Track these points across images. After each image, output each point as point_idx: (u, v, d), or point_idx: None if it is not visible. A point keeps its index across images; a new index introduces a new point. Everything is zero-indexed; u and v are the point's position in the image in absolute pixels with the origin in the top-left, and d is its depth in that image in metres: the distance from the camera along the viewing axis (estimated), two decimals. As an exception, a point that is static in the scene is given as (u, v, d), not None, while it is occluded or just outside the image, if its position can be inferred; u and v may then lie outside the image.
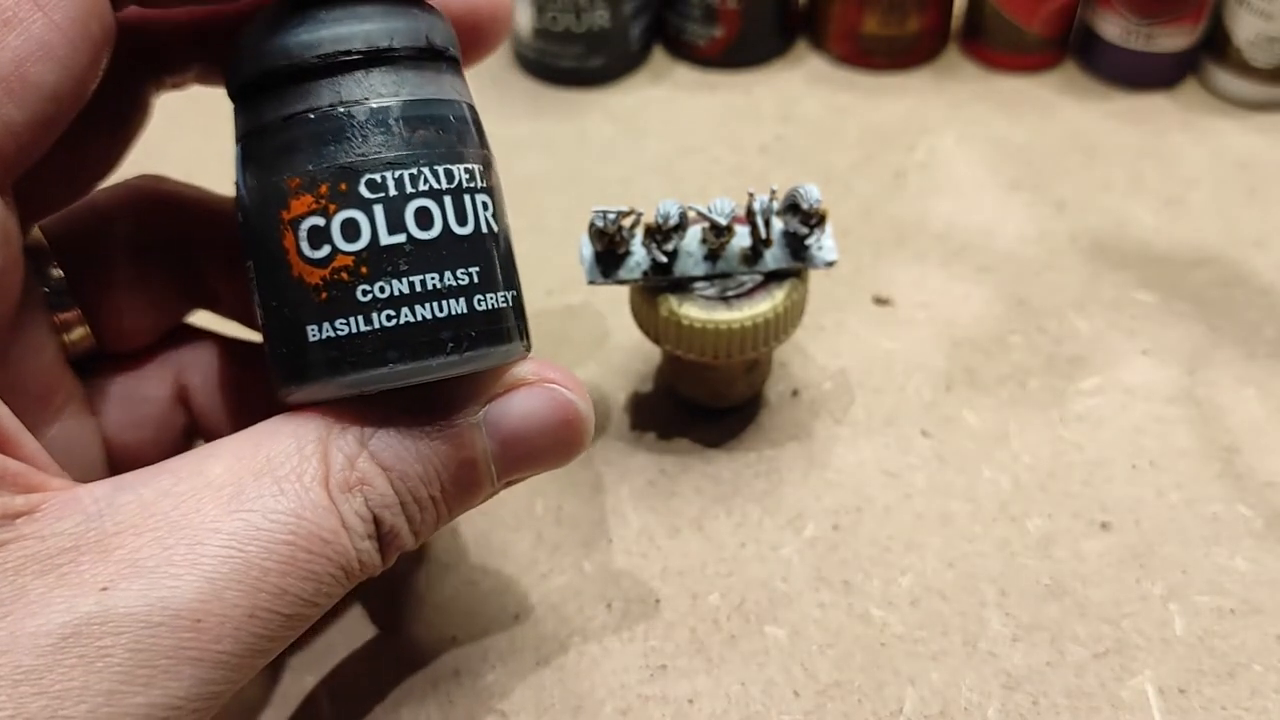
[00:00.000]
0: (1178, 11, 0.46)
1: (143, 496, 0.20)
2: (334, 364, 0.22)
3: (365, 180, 0.22)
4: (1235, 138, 0.46)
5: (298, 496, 0.21)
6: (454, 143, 0.23)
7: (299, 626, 0.21)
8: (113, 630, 0.19)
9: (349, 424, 0.22)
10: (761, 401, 0.36)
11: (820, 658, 0.30)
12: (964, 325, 0.38)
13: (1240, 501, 0.33)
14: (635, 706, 0.29)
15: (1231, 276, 0.40)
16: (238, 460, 0.21)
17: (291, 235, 0.22)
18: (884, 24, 0.48)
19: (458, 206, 0.22)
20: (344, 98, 0.22)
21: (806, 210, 0.30)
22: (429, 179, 0.22)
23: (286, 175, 0.22)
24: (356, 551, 0.21)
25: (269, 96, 0.23)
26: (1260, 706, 0.28)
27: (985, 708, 0.29)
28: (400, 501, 0.22)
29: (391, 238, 0.22)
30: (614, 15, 0.48)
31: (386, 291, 0.22)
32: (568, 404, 0.24)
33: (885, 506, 0.33)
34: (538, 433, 0.24)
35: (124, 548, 0.19)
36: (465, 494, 0.24)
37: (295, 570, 0.20)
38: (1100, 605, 0.31)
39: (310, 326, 0.22)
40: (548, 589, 0.31)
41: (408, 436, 0.22)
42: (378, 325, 0.22)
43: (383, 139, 0.22)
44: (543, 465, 0.25)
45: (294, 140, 0.22)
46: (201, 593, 0.19)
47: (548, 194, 0.44)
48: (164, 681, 0.19)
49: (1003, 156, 0.45)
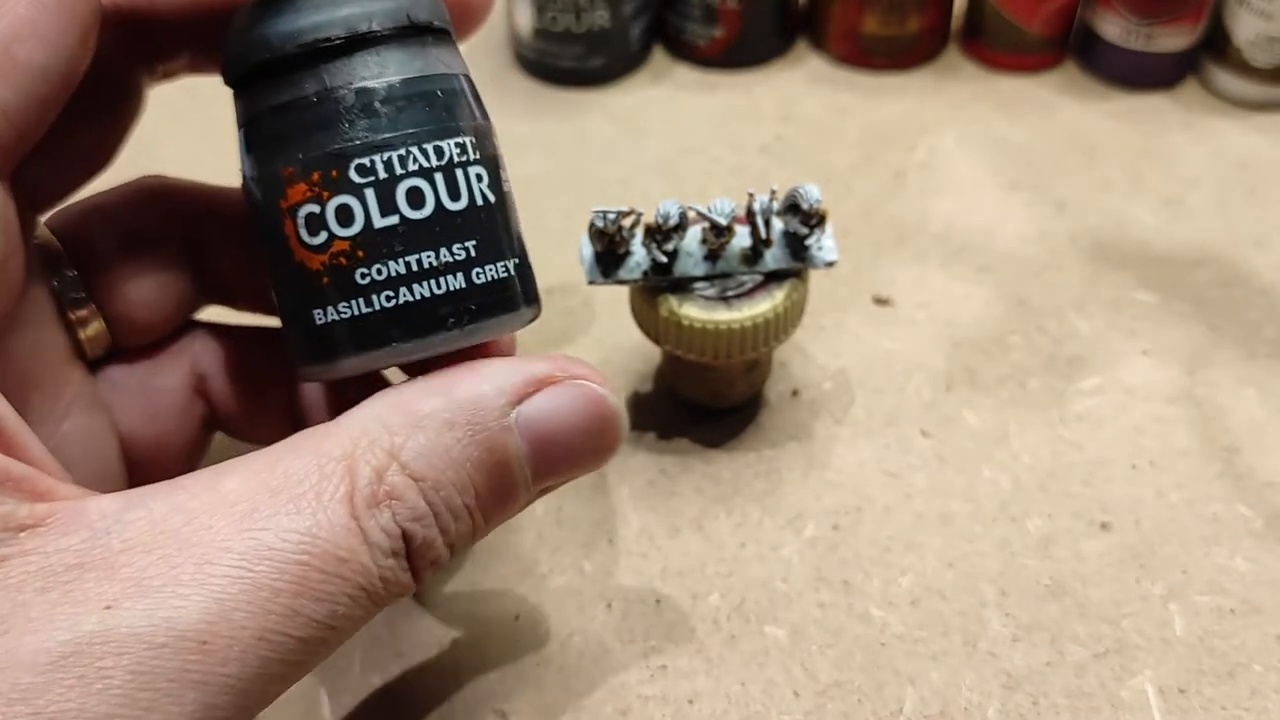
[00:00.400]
0: (1178, 11, 0.46)
1: (153, 513, 0.20)
2: (340, 346, 0.23)
3: (355, 165, 0.22)
4: (1235, 138, 0.46)
5: (313, 514, 0.20)
6: (444, 118, 0.23)
7: (317, 651, 0.20)
8: (114, 650, 0.18)
9: (377, 436, 0.21)
10: (761, 401, 0.36)
11: (820, 658, 0.30)
12: (964, 325, 0.38)
13: (1240, 501, 0.33)
14: (635, 706, 0.29)
15: (1231, 276, 0.40)
16: (254, 476, 0.20)
17: (290, 223, 0.22)
18: (884, 24, 0.48)
19: (449, 182, 0.23)
20: (328, 84, 0.22)
21: (806, 210, 0.30)
22: (418, 158, 0.22)
23: (281, 165, 0.22)
24: (379, 569, 0.20)
25: (259, 87, 0.23)
26: (1260, 706, 0.28)
27: (985, 708, 0.29)
28: (434, 513, 0.21)
29: (385, 220, 0.22)
30: (614, 15, 0.48)
31: (384, 273, 0.22)
32: (599, 399, 0.23)
33: (885, 506, 0.33)
34: (571, 430, 0.23)
35: (131, 565, 0.19)
36: (500, 502, 0.23)
37: (308, 591, 0.19)
38: (1100, 605, 0.31)
39: (316, 311, 0.23)
40: (548, 589, 0.31)
41: (439, 444, 0.21)
42: (378, 306, 0.22)
43: (369, 122, 0.22)
44: (577, 466, 0.24)
45: (285, 130, 0.22)
46: (208, 613, 0.19)
47: (548, 194, 0.44)
48: (165, 705, 0.18)
49: (1003, 156, 0.45)
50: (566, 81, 0.50)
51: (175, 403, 0.29)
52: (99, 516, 0.20)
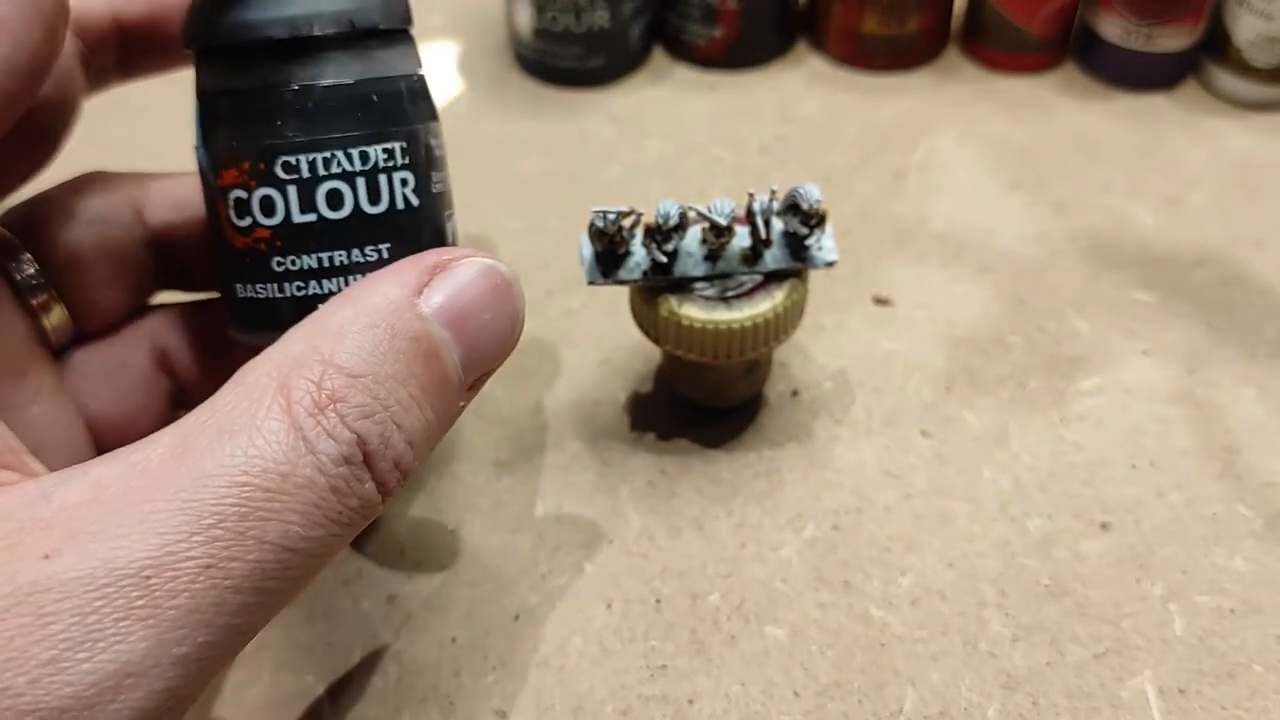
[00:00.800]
0: (1178, 12, 0.46)
1: (91, 474, 0.19)
2: (255, 321, 0.24)
3: (281, 162, 0.23)
4: (1235, 138, 0.46)
5: (248, 434, 0.19)
6: (375, 123, 0.24)
7: (281, 575, 0.19)
8: (56, 596, 0.18)
9: (303, 353, 0.21)
10: (761, 401, 0.36)
11: (820, 658, 0.30)
12: (964, 325, 0.38)
13: (1240, 501, 0.33)
14: (635, 706, 0.29)
15: (1231, 276, 0.40)
16: (187, 422, 0.20)
17: (223, 203, 0.24)
18: (884, 24, 0.48)
19: (371, 187, 0.24)
20: (268, 80, 0.23)
21: (806, 210, 0.30)
22: (342, 162, 0.23)
23: (220, 146, 0.24)
24: (328, 479, 0.20)
25: (212, 66, 0.24)
26: (1260, 706, 0.28)
27: (985, 708, 0.29)
28: (384, 406, 0.21)
29: (303, 217, 0.23)
30: (614, 15, 0.48)
31: (298, 265, 0.24)
32: (490, 268, 0.23)
33: (885, 506, 0.33)
34: (477, 304, 0.23)
35: (69, 521, 0.19)
36: (440, 392, 0.22)
37: (253, 513, 0.19)
38: (1100, 605, 0.31)
39: (237, 285, 0.24)
40: (548, 589, 0.31)
41: (367, 342, 0.21)
42: (289, 294, 0.24)
43: (300, 122, 0.23)
44: (493, 344, 0.24)
45: (227, 114, 0.24)
46: (149, 548, 0.18)
47: (548, 194, 0.44)
48: (113, 644, 0.18)
49: (1002, 157, 0.45)
50: (566, 81, 0.50)
51: (140, 379, 0.29)
52: (37, 487, 0.19)
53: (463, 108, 0.49)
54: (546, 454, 0.35)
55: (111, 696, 0.18)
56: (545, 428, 0.36)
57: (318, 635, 0.31)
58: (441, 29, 0.54)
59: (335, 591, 0.32)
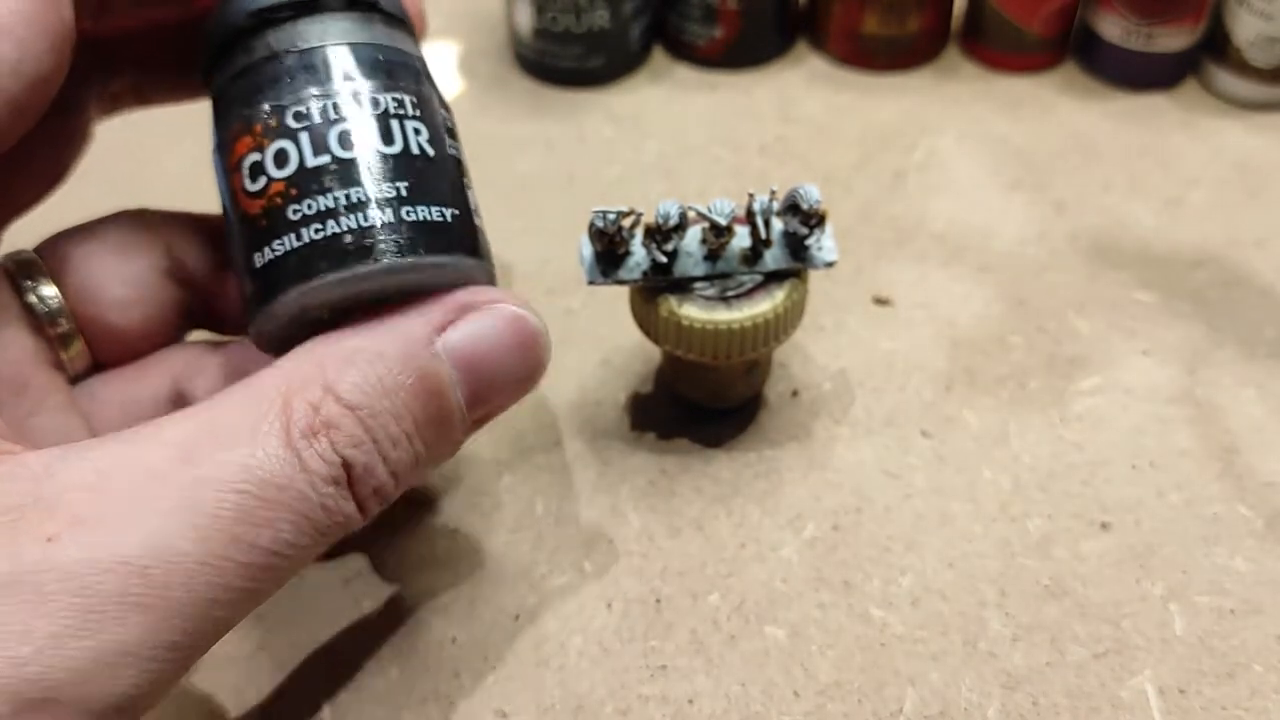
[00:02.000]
0: (1178, 12, 0.46)
1: (91, 458, 0.20)
2: (274, 284, 0.23)
3: (293, 112, 0.23)
4: (1235, 138, 0.46)
5: (250, 446, 0.21)
6: (384, 77, 0.24)
7: (267, 577, 0.21)
8: (58, 577, 0.19)
9: (310, 374, 0.22)
10: (761, 401, 0.36)
11: (820, 658, 0.30)
12: (964, 325, 0.38)
13: (1240, 502, 0.33)
14: (635, 706, 0.29)
15: (1231, 276, 0.40)
16: (191, 420, 0.21)
17: (238, 176, 0.24)
18: (884, 24, 0.48)
19: (383, 128, 0.24)
20: (274, 48, 0.24)
21: (806, 210, 0.30)
22: (352, 105, 0.23)
23: (234, 121, 0.24)
24: (319, 497, 0.21)
25: (223, 65, 0.25)
26: (1260, 707, 0.28)
27: (985, 708, 0.29)
28: (373, 439, 0.22)
29: (317, 159, 0.23)
30: (614, 15, 0.48)
31: (314, 207, 0.23)
32: (521, 319, 0.24)
33: (885, 506, 0.33)
34: (497, 352, 0.24)
35: (72, 504, 0.20)
36: (438, 428, 0.23)
37: (248, 518, 0.20)
38: (1100, 605, 0.31)
39: (255, 254, 0.23)
40: (548, 589, 0.31)
41: (371, 374, 0.22)
42: (308, 239, 0.23)
43: (309, 77, 0.24)
44: (506, 388, 0.24)
45: (239, 93, 0.24)
46: (150, 541, 0.19)
47: (548, 194, 0.44)
48: (112, 628, 0.19)
49: (1002, 156, 0.45)
50: (566, 81, 0.50)
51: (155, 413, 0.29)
52: (39, 464, 0.20)
53: (463, 108, 0.49)
54: (547, 454, 0.35)
55: (109, 675, 0.19)
56: (545, 428, 0.36)
57: (318, 636, 0.31)
58: (441, 29, 0.54)
59: (335, 591, 0.32)
